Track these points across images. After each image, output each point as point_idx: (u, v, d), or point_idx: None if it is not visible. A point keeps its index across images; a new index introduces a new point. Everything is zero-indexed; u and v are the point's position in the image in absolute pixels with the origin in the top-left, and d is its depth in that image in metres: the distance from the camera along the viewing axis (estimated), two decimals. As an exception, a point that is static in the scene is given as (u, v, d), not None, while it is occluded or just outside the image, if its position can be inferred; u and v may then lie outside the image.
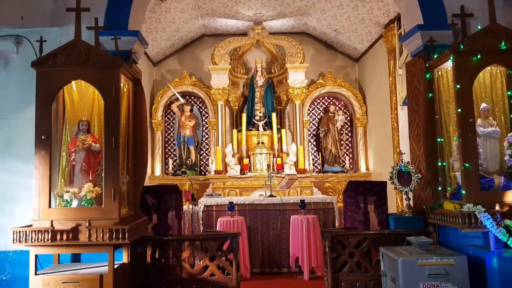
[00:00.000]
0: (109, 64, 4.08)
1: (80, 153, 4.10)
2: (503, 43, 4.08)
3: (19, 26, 4.67)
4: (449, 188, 4.43)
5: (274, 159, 8.86)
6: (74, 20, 4.40)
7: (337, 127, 9.41)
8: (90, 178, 4.06)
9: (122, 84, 4.24)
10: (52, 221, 3.69)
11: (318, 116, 9.84)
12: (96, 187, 3.94)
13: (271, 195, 6.98)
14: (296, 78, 9.17)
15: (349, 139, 9.77)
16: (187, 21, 8.96)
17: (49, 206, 3.82)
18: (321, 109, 9.88)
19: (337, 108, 9.69)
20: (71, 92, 4.37)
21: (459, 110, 4.07)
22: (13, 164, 4.59)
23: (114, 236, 3.67)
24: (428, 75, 4.65)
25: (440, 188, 4.51)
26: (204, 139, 9.69)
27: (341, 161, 9.44)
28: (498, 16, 4.37)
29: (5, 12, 4.26)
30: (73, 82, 4.23)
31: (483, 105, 4.39)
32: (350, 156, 9.70)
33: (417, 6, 4.90)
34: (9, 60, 4.84)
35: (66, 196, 3.89)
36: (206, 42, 10.05)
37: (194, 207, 5.57)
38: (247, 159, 8.89)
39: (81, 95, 4.40)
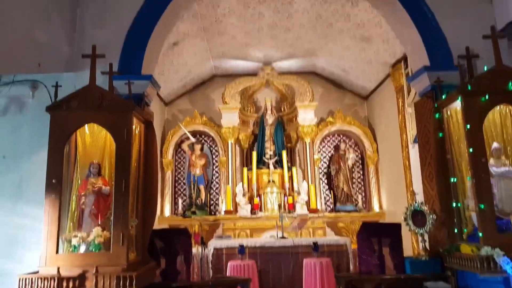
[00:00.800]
0: (122, 108, 4.17)
1: (90, 196, 4.12)
2: (510, 84, 4.10)
3: (36, 72, 4.82)
4: (465, 230, 4.33)
5: (285, 198, 8.77)
6: (89, 65, 4.56)
7: (348, 165, 9.35)
8: (99, 222, 4.05)
9: (134, 127, 4.30)
10: (58, 268, 3.64)
11: (329, 154, 9.81)
12: (104, 232, 3.92)
13: (282, 237, 6.85)
14: (306, 116, 9.23)
15: (361, 177, 9.68)
16: (198, 63, 9.19)
17: (57, 252, 3.79)
18: (332, 147, 9.87)
19: (347, 146, 9.66)
20: (83, 134, 4.44)
21: (471, 150, 4.05)
22: (24, 208, 4.61)
23: (121, 283, 3.61)
24: (437, 115, 4.65)
25: (456, 230, 4.41)
26: (214, 178, 9.68)
27: (353, 199, 9.30)
28: (504, 56, 4.42)
29: (22, 59, 4.43)
30: (86, 125, 4.32)
31: (495, 144, 4.35)
32: (363, 194, 9.57)
33: (423, 48, 4.99)
34: (25, 104, 4.95)
35: (74, 241, 3.87)
36: (217, 82, 10.24)
37: (203, 250, 5.49)
38: (258, 198, 8.81)
39: (93, 138, 4.47)
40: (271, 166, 9.10)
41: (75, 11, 5.23)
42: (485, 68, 4.38)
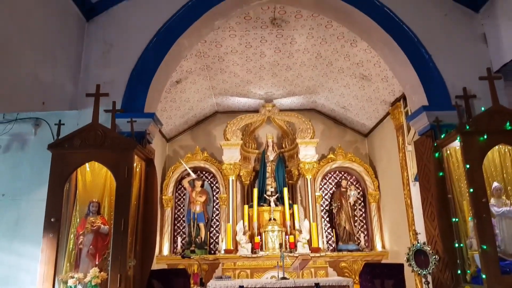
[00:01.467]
0: (124, 146, 4.22)
1: (88, 235, 4.09)
2: (508, 124, 4.14)
3: (40, 110, 4.88)
4: (468, 271, 4.24)
5: (287, 236, 8.62)
6: (93, 103, 4.64)
7: (350, 203, 9.27)
8: (97, 262, 4.01)
9: (135, 164, 4.33)
10: (53, 311, 3.58)
11: (330, 191, 9.76)
12: (102, 272, 3.86)
13: (283, 277, 6.70)
14: (307, 153, 9.25)
15: (363, 215, 9.58)
16: (201, 100, 9.33)
17: (53, 293, 3.73)
18: (333, 183, 9.84)
19: (349, 183, 9.63)
20: (84, 173, 4.46)
21: (471, 190, 4.04)
22: (21, 247, 4.54)
23: (118, 326, 3.54)
24: (437, 154, 4.67)
25: (459, 271, 4.33)
26: (214, 215, 9.58)
27: (356, 238, 9.17)
28: (500, 96, 4.50)
29: (27, 98, 4.49)
30: (87, 163, 4.34)
31: (495, 184, 4.35)
32: (365, 233, 9.44)
33: (421, 88, 5.07)
34: (27, 141, 4.98)
35: (71, 283, 3.81)
36: (219, 119, 10.35)
37: (202, 291, 5.38)
38: (259, 237, 8.67)
39: (93, 176, 4.49)
40: (272, 204, 9.01)
41: (81, 51, 5.37)
42: (482, 109, 4.44)
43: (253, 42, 7.13)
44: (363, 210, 9.58)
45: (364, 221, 9.52)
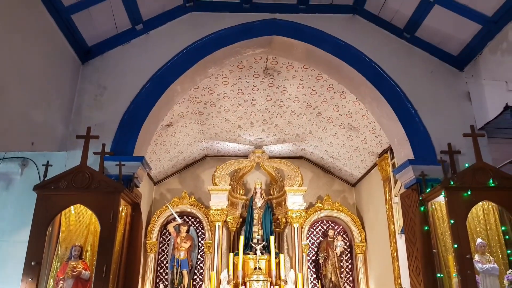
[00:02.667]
0: (111, 189, 4.19)
1: (69, 280, 3.97)
2: (491, 181, 4.24)
3: (28, 150, 4.85)
4: (454, 328, 4.18)
5: (272, 287, 8.42)
6: (82, 145, 4.63)
7: (336, 253, 9.16)
8: (75, 310, 3.87)
9: (120, 208, 4.28)
10: None
11: (317, 241, 9.68)
12: (80, 320, 3.74)
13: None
14: (295, 201, 9.22)
15: (349, 266, 9.45)
16: (191, 143, 9.39)
17: None
18: (320, 233, 9.77)
19: (336, 232, 9.58)
20: (68, 215, 4.39)
21: (455, 245, 4.07)
22: (0, 289, 4.38)
23: None
24: (422, 208, 4.71)
25: (445, 329, 4.26)
26: (198, 262, 9.38)
27: (341, 290, 9.01)
28: (484, 153, 4.62)
29: (16, 138, 4.48)
30: (72, 206, 4.29)
31: (479, 240, 4.38)
32: (351, 285, 9.27)
33: (407, 142, 5.19)
34: (12, 181, 4.83)
35: (48, 330, 3.66)
36: (207, 163, 10.37)
37: None
38: (243, 287, 8.45)
39: (78, 219, 4.42)
40: (258, 252, 8.84)
41: (74, 93, 5.39)
42: (466, 165, 4.54)
43: (245, 89, 7.31)
44: (349, 261, 9.47)
45: (351, 273, 9.38)
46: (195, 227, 9.64)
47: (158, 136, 8.24)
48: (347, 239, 9.63)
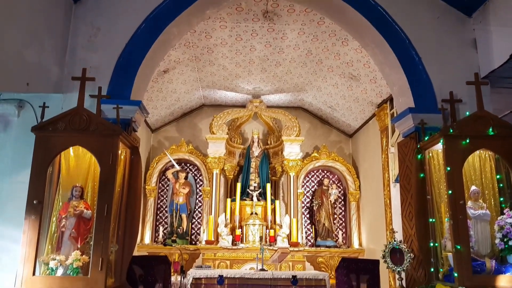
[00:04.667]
0: (109, 132, 4.17)
1: (71, 219, 4.05)
2: (490, 129, 4.25)
3: (24, 92, 4.79)
4: (441, 270, 4.37)
5: (267, 230, 8.72)
6: (78, 87, 4.56)
7: (330, 201, 9.39)
8: (79, 246, 3.98)
9: (119, 152, 4.29)
10: (34, 290, 3.55)
11: (312, 189, 9.86)
12: (83, 256, 3.85)
13: (262, 269, 6.78)
14: (292, 150, 9.31)
15: (343, 213, 9.71)
16: (188, 91, 9.28)
17: (33, 274, 3.70)
18: (315, 182, 9.94)
19: (331, 181, 9.75)
20: (68, 157, 4.40)
21: (450, 192, 4.14)
22: (2, 229, 4.43)
23: (97, 310, 3.52)
24: (419, 156, 4.76)
25: (432, 269, 4.45)
26: (197, 207, 9.60)
27: (334, 235, 9.31)
28: (486, 103, 4.59)
29: (11, 78, 4.38)
30: (71, 148, 4.29)
31: (473, 187, 4.46)
32: (344, 230, 9.58)
33: (409, 90, 5.15)
34: (10, 123, 4.85)
35: (52, 264, 3.78)
36: (205, 112, 10.32)
37: (182, 279, 5.40)
38: (240, 230, 8.74)
39: (77, 161, 4.43)
40: (255, 198, 9.09)
41: (67, 34, 5.23)
42: (467, 113, 4.53)
43: (243, 34, 7.12)
44: (343, 208, 9.72)
45: (343, 219, 9.66)
46: (193, 174, 9.77)
47: (155, 82, 8.12)
48: (342, 187, 9.82)
